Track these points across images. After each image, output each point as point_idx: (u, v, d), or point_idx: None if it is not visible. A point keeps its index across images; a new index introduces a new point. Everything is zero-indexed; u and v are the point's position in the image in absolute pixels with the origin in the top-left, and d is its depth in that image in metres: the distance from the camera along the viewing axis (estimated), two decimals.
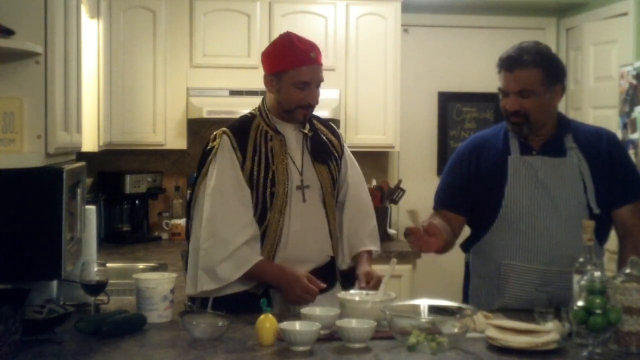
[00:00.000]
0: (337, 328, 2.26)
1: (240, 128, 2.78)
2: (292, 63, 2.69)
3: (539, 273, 2.69)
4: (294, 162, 2.77)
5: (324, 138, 2.88)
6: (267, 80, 2.78)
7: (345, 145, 2.96)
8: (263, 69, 2.81)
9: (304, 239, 2.73)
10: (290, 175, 2.74)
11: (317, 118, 2.93)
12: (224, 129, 2.76)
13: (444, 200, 2.89)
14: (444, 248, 2.75)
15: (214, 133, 2.78)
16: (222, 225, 2.64)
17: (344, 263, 2.88)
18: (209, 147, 2.75)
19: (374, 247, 2.89)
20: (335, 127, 2.98)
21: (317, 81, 2.73)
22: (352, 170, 2.93)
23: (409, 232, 2.59)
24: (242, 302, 2.58)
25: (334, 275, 2.84)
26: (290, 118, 2.77)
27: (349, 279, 2.84)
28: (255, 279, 2.67)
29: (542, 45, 2.78)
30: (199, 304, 2.63)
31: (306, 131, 2.81)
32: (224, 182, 2.68)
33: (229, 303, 2.54)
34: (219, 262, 2.61)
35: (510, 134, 2.79)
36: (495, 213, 2.75)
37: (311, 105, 2.74)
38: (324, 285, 2.65)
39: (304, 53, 2.70)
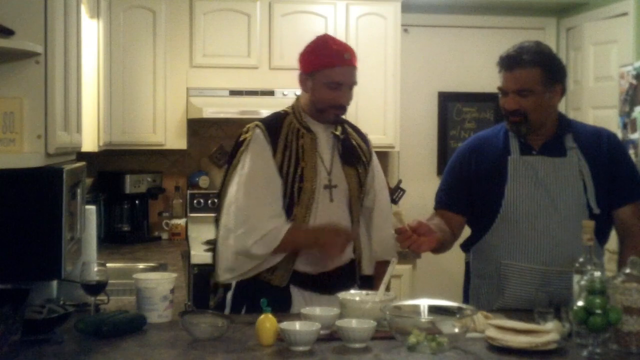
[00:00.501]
0: (337, 328, 2.26)
1: (273, 122, 2.82)
2: (325, 63, 2.73)
3: (539, 273, 2.69)
4: (322, 162, 2.79)
5: (354, 142, 2.91)
6: (301, 79, 2.81)
7: (374, 153, 3.00)
8: (299, 68, 2.84)
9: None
10: (319, 174, 2.77)
11: (348, 122, 2.97)
12: (256, 122, 2.82)
13: (444, 201, 2.90)
14: (440, 248, 2.75)
15: (247, 126, 2.84)
16: (254, 214, 2.69)
17: (368, 268, 2.91)
18: (241, 139, 2.81)
19: (395, 257, 2.93)
20: (365, 133, 3.01)
21: (350, 83, 2.76)
22: (379, 178, 2.98)
23: (396, 232, 2.59)
24: (267, 294, 2.60)
25: (354, 278, 2.85)
26: (322, 118, 2.81)
27: (369, 284, 2.86)
28: (292, 247, 2.71)
29: (543, 45, 2.78)
30: (221, 292, 2.74)
31: (338, 133, 2.84)
32: (256, 171, 2.73)
33: (251, 296, 2.59)
34: (252, 244, 2.66)
35: (510, 134, 2.79)
36: (495, 213, 2.75)
37: (343, 106, 2.78)
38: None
39: (337, 53, 2.74)
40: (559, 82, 2.73)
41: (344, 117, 2.92)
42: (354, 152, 2.89)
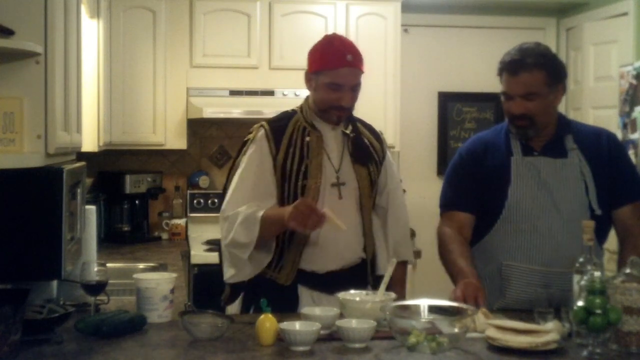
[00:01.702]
0: (337, 328, 2.26)
1: (279, 122, 2.84)
2: (328, 63, 2.73)
3: (540, 274, 2.69)
4: (330, 160, 2.79)
5: (366, 141, 2.90)
6: (307, 78, 2.82)
7: (388, 152, 2.99)
8: (307, 67, 2.84)
9: (336, 235, 2.73)
10: (325, 172, 2.77)
11: (361, 121, 2.97)
12: (262, 122, 2.84)
13: (454, 201, 2.86)
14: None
15: (253, 126, 2.85)
16: (234, 207, 2.71)
17: (385, 268, 2.89)
18: (245, 139, 2.83)
19: (411, 257, 3.00)
20: (379, 132, 3.01)
21: (352, 84, 2.75)
22: (393, 176, 2.97)
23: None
24: (274, 293, 2.61)
25: (365, 278, 2.83)
26: (325, 118, 2.80)
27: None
28: (271, 231, 2.68)
29: (543, 46, 2.77)
30: (228, 289, 2.78)
31: (348, 131, 2.83)
32: (250, 169, 2.75)
33: (259, 294, 2.59)
34: (235, 231, 2.67)
35: (511, 135, 2.78)
36: (497, 214, 2.74)
37: (344, 108, 2.76)
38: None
39: (340, 55, 2.72)
40: (561, 81, 2.73)
41: (356, 115, 2.91)
42: (365, 150, 2.88)
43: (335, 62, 2.72)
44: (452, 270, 2.74)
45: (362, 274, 2.83)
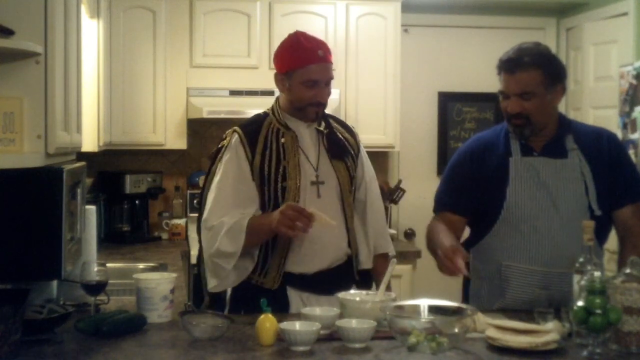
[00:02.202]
0: (337, 328, 2.26)
1: (251, 125, 2.83)
2: (300, 62, 2.72)
3: (539, 275, 2.69)
4: (307, 159, 2.79)
5: (340, 136, 2.90)
6: (278, 79, 2.81)
7: (361, 144, 2.99)
8: (275, 68, 2.83)
9: (320, 234, 2.72)
10: (304, 171, 2.76)
11: (333, 117, 2.98)
12: (234, 127, 2.83)
13: (446, 202, 2.88)
14: None
15: (226, 132, 2.85)
16: (219, 216, 2.70)
17: (367, 262, 2.90)
18: (219, 146, 2.82)
19: (392, 250, 2.97)
20: (351, 126, 3.01)
21: (326, 79, 2.76)
22: (368, 168, 2.97)
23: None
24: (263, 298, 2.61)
25: (352, 275, 2.83)
26: (302, 116, 2.80)
27: (368, 278, 2.87)
28: (257, 238, 2.69)
29: (542, 46, 2.77)
30: (207, 299, 2.78)
31: (321, 128, 2.84)
32: (228, 176, 2.73)
33: (247, 299, 2.61)
34: (219, 241, 2.67)
35: (511, 135, 2.78)
36: (496, 215, 2.74)
37: (321, 103, 2.77)
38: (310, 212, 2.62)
39: (311, 51, 2.72)
40: (560, 82, 2.73)
41: (327, 112, 2.91)
42: (340, 145, 2.87)
43: (307, 59, 2.72)
44: (434, 248, 2.73)
45: (348, 271, 2.83)
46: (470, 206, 2.84)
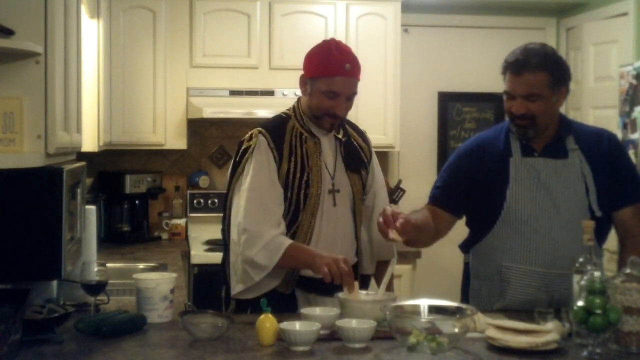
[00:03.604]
0: (337, 328, 2.26)
1: (276, 128, 2.80)
2: (325, 71, 2.71)
3: (539, 275, 2.68)
4: (326, 166, 2.80)
5: (356, 144, 2.90)
6: (302, 82, 2.80)
7: (373, 151, 2.99)
8: (302, 69, 2.82)
9: (333, 242, 2.76)
10: (323, 179, 2.77)
11: (349, 123, 2.97)
12: (259, 128, 2.79)
13: (438, 198, 2.87)
14: (414, 242, 2.77)
15: (250, 132, 2.80)
16: (257, 221, 2.67)
17: (369, 268, 2.91)
18: (244, 147, 2.78)
19: (395, 256, 2.94)
20: (363, 131, 3.00)
21: (349, 94, 2.74)
22: (378, 175, 2.97)
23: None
24: (272, 300, 2.60)
25: (356, 279, 2.82)
26: (317, 124, 2.79)
27: (368, 284, 2.88)
28: (291, 263, 2.68)
29: (549, 47, 2.75)
30: (233, 305, 2.76)
31: (340, 136, 2.84)
32: (260, 180, 2.71)
33: (255, 301, 2.59)
34: (256, 252, 2.64)
35: (512, 135, 2.77)
36: (496, 215, 2.73)
37: (337, 116, 2.76)
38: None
39: (339, 63, 2.71)
40: (565, 84, 2.72)
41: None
42: (356, 155, 2.88)
43: (333, 70, 2.70)
44: None
45: (354, 274, 2.82)
46: (462, 206, 2.83)
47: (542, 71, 2.64)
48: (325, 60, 2.72)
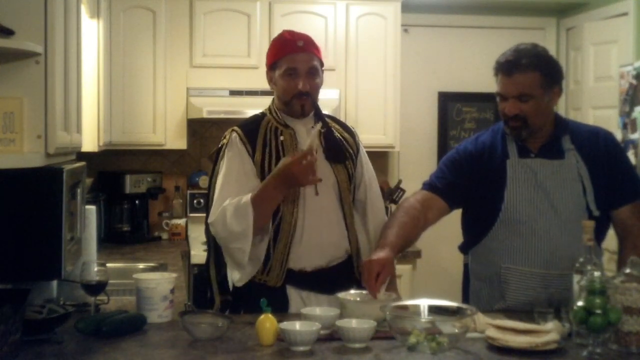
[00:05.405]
0: (337, 328, 2.26)
1: (250, 124, 2.86)
2: (280, 52, 2.79)
3: (539, 276, 2.68)
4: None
5: (339, 136, 2.90)
6: (268, 77, 2.86)
7: (361, 144, 2.99)
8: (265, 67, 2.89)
9: (319, 232, 2.75)
10: None
11: (332, 117, 2.99)
12: (233, 127, 2.86)
13: (438, 187, 2.82)
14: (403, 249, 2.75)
15: (225, 132, 2.88)
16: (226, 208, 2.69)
17: None
18: (219, 146, 2.84)
19: None
20: (352, 127, 3.02)
21: (307, 68, 2.76)
22: (367, 168, 2.97)
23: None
24: (264, 296, 2.60)
25: (352, 274, 2.82)
26: (290, 111, 2.81)
27: None
28: (267, 209, 2.67)
29: (540, 47, 2.75)
30: (218, 301, 2.78)
31: (319, 127, 2.83)
32: (232, 172, 2.75)
33: (248, 298, 2.62)
34: (229, 222, 2.65)
35: (508, 136, 2.77)
36: (494, 217, 2.73)
37: (303, 94, 2.76)
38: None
39: (291, 42, 2.78)
40: (557, 84, 2.72)
41: (326, 113, 2.92)
42: (337, 146, 2.87)
43: (286, 49, 2.77)
44: (382, 234, 2.71)
45: (348, 270, 2.82)
46: (461, 200, 2.82)
47: (533, 71, 2.64)
48: (278, 44, 2.82)
